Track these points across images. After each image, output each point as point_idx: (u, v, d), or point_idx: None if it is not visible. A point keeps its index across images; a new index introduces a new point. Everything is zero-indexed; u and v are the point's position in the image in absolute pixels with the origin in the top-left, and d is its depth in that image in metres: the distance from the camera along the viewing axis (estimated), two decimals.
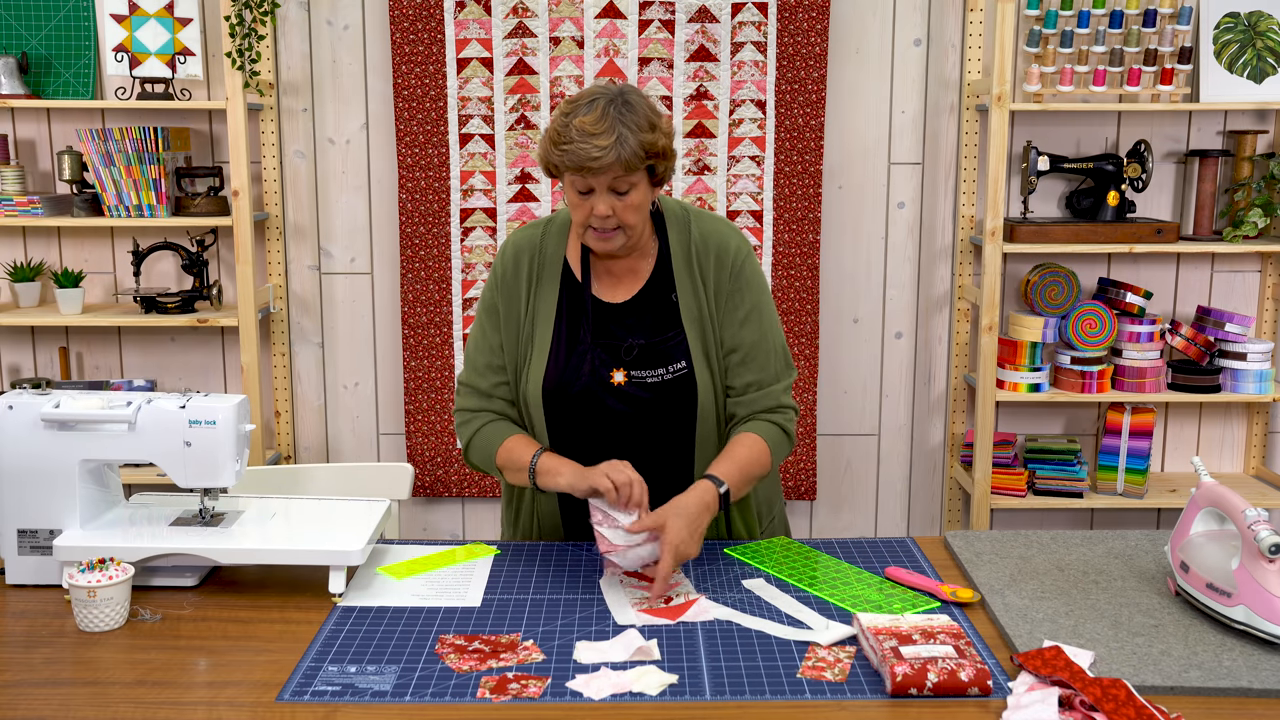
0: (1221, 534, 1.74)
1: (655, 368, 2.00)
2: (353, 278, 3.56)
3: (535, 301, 2.04)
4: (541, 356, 2.01)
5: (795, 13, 3.33)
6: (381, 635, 1.66)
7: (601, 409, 2.00)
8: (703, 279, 2.03)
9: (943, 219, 3.54)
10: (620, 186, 1.89)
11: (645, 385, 1.99)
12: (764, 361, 2.03)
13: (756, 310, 2.04)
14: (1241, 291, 3.58)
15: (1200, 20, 3.33)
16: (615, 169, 1.86)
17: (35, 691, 1.50)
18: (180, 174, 3.37)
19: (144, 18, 3.26)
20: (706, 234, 2.05)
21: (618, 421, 2.00)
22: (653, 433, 2.02)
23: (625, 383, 1.99)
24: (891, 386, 3.63)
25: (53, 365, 3.58)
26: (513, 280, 2.05)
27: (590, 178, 1.87)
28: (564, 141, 1.86)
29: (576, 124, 1.85)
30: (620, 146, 1.84)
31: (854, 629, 1.64)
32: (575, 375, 1.99)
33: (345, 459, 3.64)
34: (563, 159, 1.86)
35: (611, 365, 2.00)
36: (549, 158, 1.91)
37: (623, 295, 2.04)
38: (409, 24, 3.33)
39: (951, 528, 3.65)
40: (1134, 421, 3.41)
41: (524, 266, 2.06)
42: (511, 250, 2.08)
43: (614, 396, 1.99)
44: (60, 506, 1.82)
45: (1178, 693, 1.49)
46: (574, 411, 2.01)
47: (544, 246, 2.06)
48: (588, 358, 2.00)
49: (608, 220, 1.91)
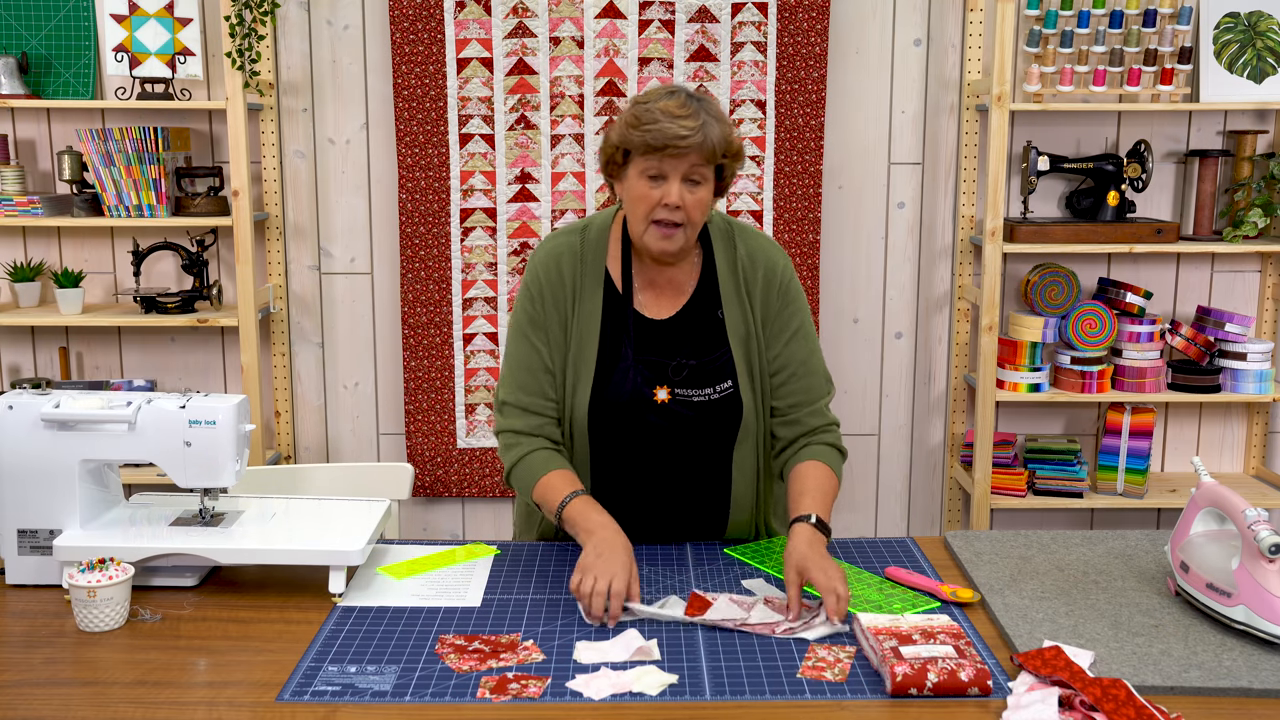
0: (1221, 534, 1.74)
1: (703, 387, 1.97)
2: (353, 278, 3.56)
3: (579, 312, 1.98)
4: (588, 372, 1.96)
5: (795, 13, 3.33)
6: (381, 635, 1.66)
7: (643, 426, 1.96)
8: (749, 297, 2.01)
9: (943, 219, 3.54)
10: (694, 176, 1.86)
11: (690, 404, 1.97)
12: (811, 380, 2.03)
13: (803, 329, 2.03)
14: (1241, 291, 3.58)
15: (1200, 20, 3.33)
16: (697, 154, 1.83)
17: (35, 691, 1.50)
18: (180, 174, 3.37)
19: (144, 18, 3.26)
20: (753, 251, 2.03)
21: (658, 438, 1.98)
22: (691, 450, 2.00)
23: (669, 400, 1.96)
24: (891, 386, 3.63)
25: (53, 365, 3.58)
26: (557, 287, 1.99)
27: (670, 161, 1.84)
28: (649, 122, 1.82)
29: (661, 107, 1.83)
30: (706, 131, 1.83)
31: (840, 627, 1.65)
32: (619, 392, 1.95)
33: (345, 459, 3.64)
34: (646, 138, 1.82)
35: (655, 382, 1.96)
36: (627, 139, 1.85)
37: (666, 310, 2.00)
38: (409, 24, 3.33)
39: (951, 528, 3.65)
40: (1134, 421, 3.41)
41: (567, 274, 1.99)
42: (553, 258, 2.00)
43: (656, 414, 1.96)
44: (60, 506, 1.82)
45: (1178, 693, 1.49)
46: (616, 428, 1.98)
47: (584, 254, 2.00)
48: (630, 374, 1.95)
49: (677, 211, 1.86)
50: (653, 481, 2.02)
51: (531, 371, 1.99)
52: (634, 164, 1.88)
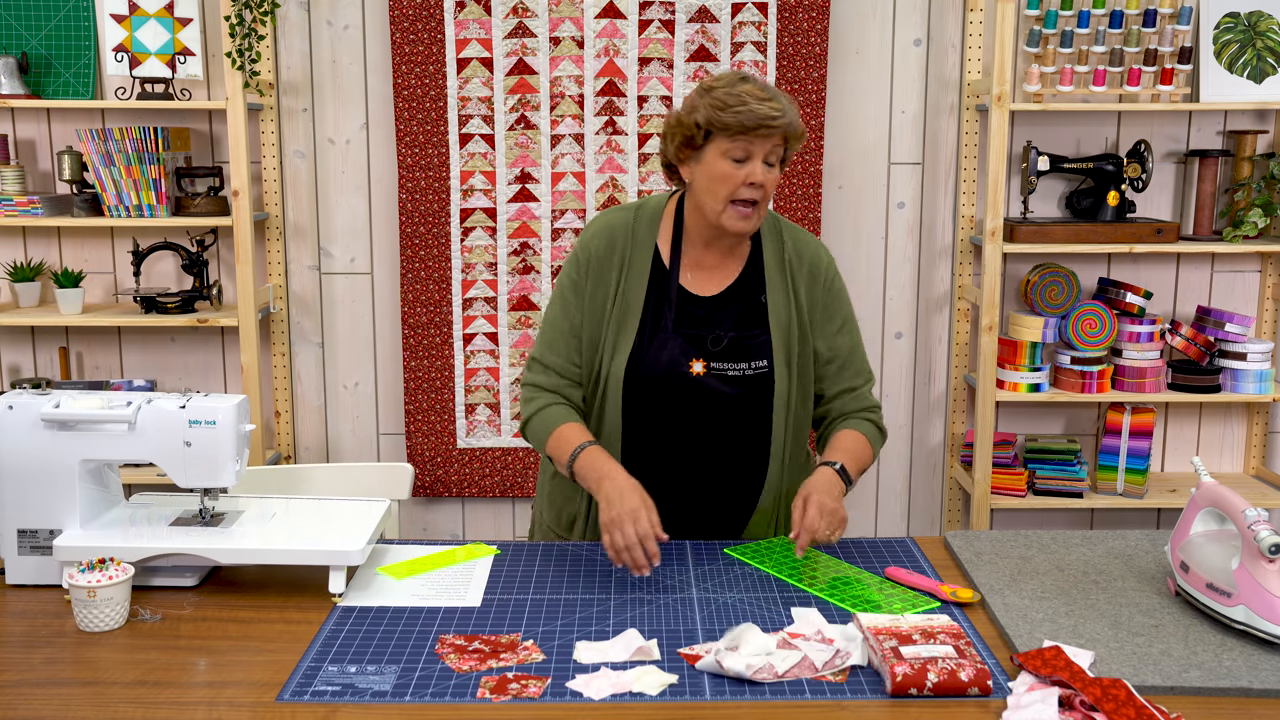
0: (1221, 534, 1.74)
1: (739, 362, 2.03)
2: (353, 278, 3.56)
3: (625, 284, 2.05)
4: (628, 339, 2.03)
5: (795, 13, 3.33)
6: (381, 635, 1.66)
7: (677, 397, 2.02)
8: (794, 288, 2.08)
9: (943, 219, 3.54)
10: (773, 157, 1.94)
11: (725, 378, 2.02)
12: (857, 368, 2.14)
13: (849, 321, 2.14)
14: (1241, 291, 3.58)
15: (1200, 20, 3.33)
16: (781, 134, 1.93)
17: (35, 691, 1.50)
18: (180, 174, 3.37)
19: (144, 18, 3.26)
20: (800, 246, 2.11)
21: (691, 411, 2.03)
22: (723, 427, 2.05)
23: (704, 374, 2.02)
24: (891, 386, 3.63)
25: (53, 365, 3.58)
26: (605, 260, 2.06)
27: (758, 141, 1.91)
28: (738, 104, 1.89)
29: (746, 90, 1.91)
30: (789, 111, 1.93)
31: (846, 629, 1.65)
32: (656, 360, 2.02)
33: (345, 459, 3.64)
34: (740, 118, 1.89)
35: (692, 355, 2.02)
36: (718, 120, 1.90)
37: (712, 289, 2.07)
38: (409, 24, 3.33)
39: (951, 528, 3.65)
40: (1134, 421, 3.41)
41: (617, 248, 2.07)
42: (605, 231, 2.08)
43: (691, 386, 2.02)
44: (60, 506, 1.82)
45: (1178, 693, 1.49)
46: (650, 397, 2.04)
47: (636, 230, 2.07)
48: (669, 345, 2.02)
49: (758, 190, 1.93)
50: (683, 457, 2.06)
51: (562, 334, 2.08)
52: (715, 145, 1.94)
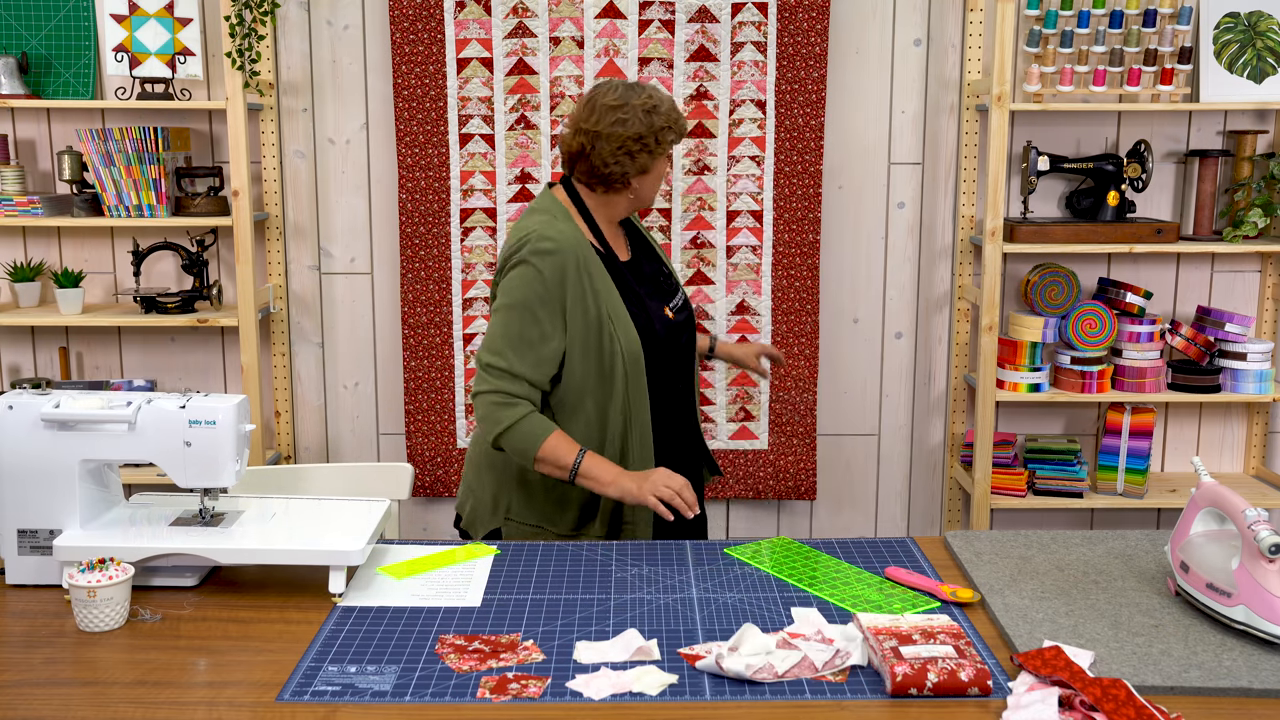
0: (1221, 534, 1.74)
1: (676, 298, 2.33)
2: (353, 278, 3.56)
3: (594, 281, 2.18)
4: (623, 315, 2.19)
5: (795, 13, 3.33)
6: (381, 635, 1.66)
7: (673, 344, 2.27)
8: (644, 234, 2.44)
9: (943, 219, 3.54)
10: None
11: (680, 313, 2.31)
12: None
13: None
14: (1241, 291, 3.58)
15: (1200, 20, 3.33)
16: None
17: (35, 691, 1.50)
18: (180, 174, 3.37)
19: (144, 18, 3.26)
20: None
21: (681, 352, 2.31)
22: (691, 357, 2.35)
23: (674, 317, 2.29)
24: (891, 386, 3.63)
25: (53, 365, 3.58)
26: (577, 272, 2.16)
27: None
28: (679, 117, 2.24)
29: (665, 99, 2.23)
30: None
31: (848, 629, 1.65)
32: (654, 317, 2.24)
33: (345, 459, 3.64)
34: (681, 126, 2.24)
35: (663, 305, 2.28)
36: (676, 132, 2.23)
37: (626, 255, 2.32)
38: (409, 24, 3.33)
39: (951, 528, 3.65)
40: (1134, 421, 3.41)
41: (582, 256, 2.18)
42: (569, 246, 2.16)
43: (676, 329, 2.28)
44: (60, 506, 1.82)
45: (1178, 693, 1.49)
46: (661, 355, 2.24)
47: (573, 233, 2.20)
48: (649, 306, 2.25)
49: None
50: (680, 399, 2.32)
51: (532, 346, 2.14)
52: (662, 151, 2.23)
